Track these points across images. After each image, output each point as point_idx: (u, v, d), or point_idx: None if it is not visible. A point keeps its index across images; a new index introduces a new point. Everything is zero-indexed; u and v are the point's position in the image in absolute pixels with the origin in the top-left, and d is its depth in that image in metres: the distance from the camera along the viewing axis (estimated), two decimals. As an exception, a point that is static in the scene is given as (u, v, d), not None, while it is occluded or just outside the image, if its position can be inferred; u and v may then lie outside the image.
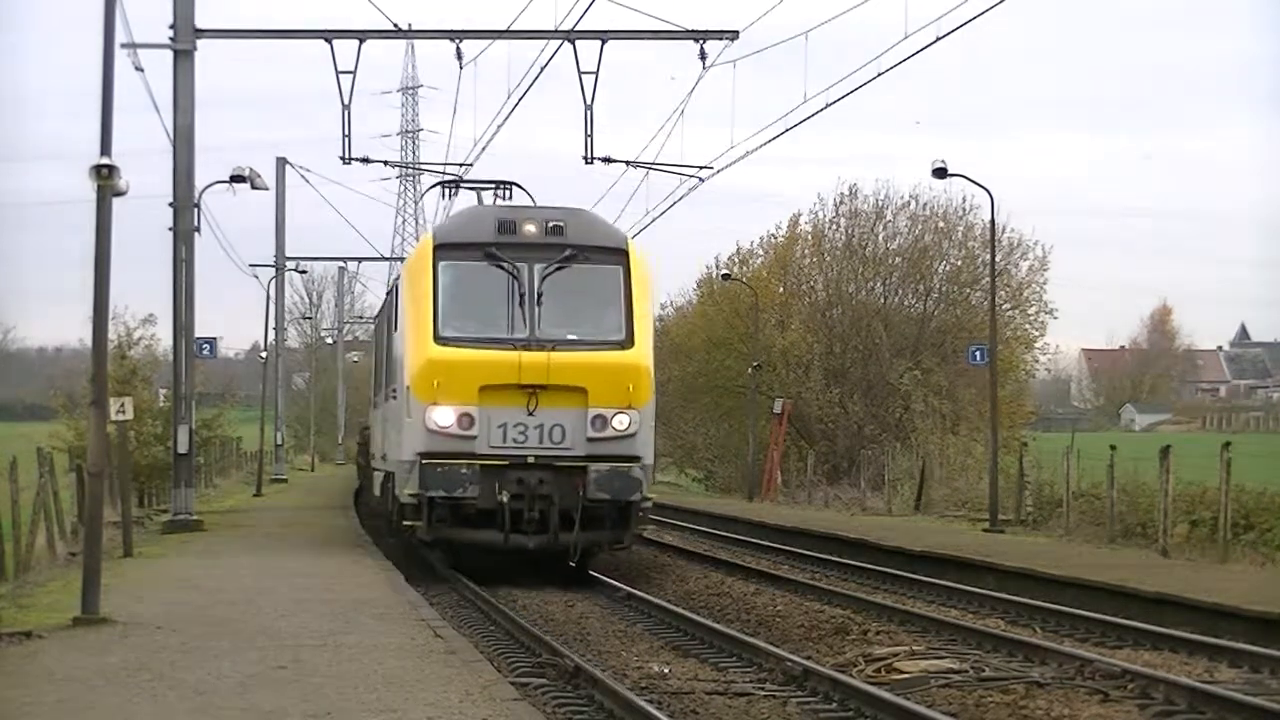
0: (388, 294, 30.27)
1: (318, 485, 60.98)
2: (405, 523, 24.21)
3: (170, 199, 33.34)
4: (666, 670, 16.20)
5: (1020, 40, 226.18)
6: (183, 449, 32.70)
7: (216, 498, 48.44)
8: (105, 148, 18.15)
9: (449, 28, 32.93)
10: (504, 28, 32.50)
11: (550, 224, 24.08)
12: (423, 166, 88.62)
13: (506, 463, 23.16)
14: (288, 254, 67.37)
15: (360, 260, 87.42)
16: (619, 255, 24.22)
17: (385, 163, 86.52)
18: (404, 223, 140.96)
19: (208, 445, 50.62)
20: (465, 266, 23.96)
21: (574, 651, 16.85)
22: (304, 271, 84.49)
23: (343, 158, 34.32)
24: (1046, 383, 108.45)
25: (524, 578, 24.46)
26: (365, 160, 40.52)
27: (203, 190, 35.30)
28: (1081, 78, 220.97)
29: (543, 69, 31.53)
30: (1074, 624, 20.36)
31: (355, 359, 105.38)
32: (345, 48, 32.31)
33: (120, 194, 18.34)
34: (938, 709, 13.98)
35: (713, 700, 14.71)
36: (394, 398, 25.73)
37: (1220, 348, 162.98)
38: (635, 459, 23.44)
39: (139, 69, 32.30)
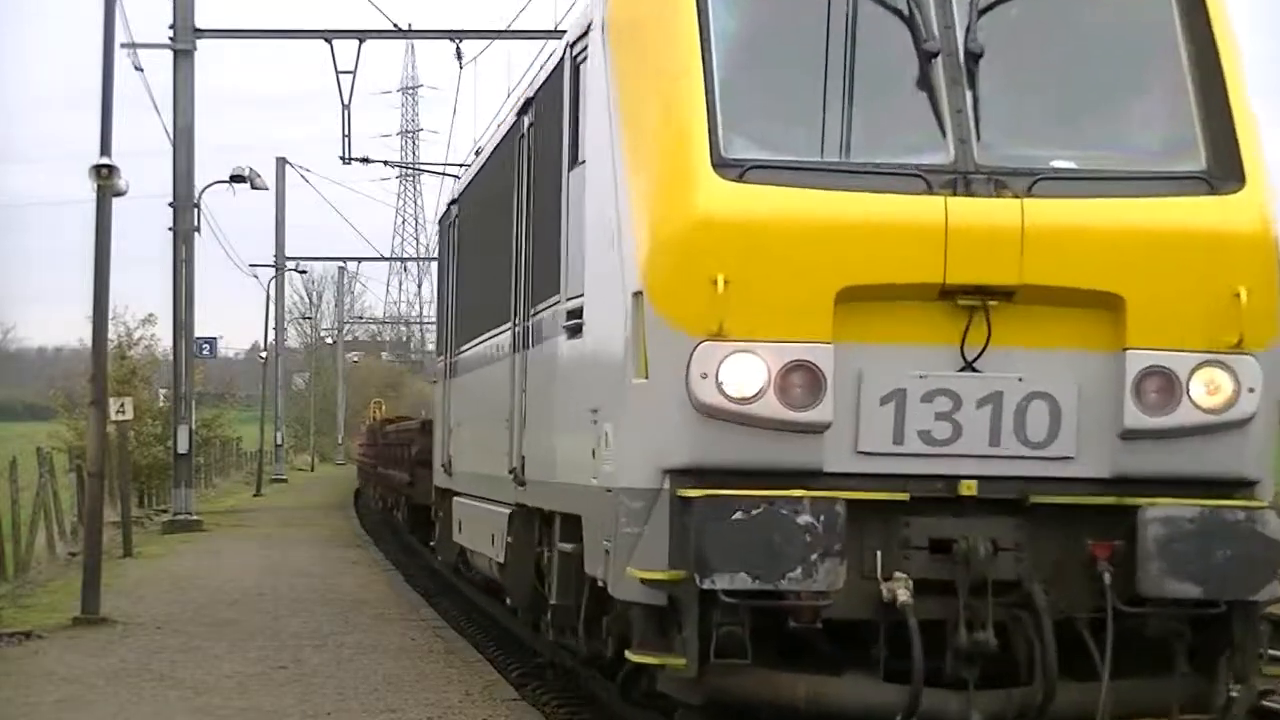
0: (528, 102, 14.23)
1: (317, 485, 61.02)
2: (634, 655, 9.39)
3: (170, 199, 33.42)
4: (666, 670, 15.98)
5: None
6: (183, 449, 32.77)
7: (216, 498, 48.49)
8: (105, 148, 18.18)
9: (449, 28, 33.03)
10: (503, 28, 32.54)
11: None
12: (422, 166, 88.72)
13: (905, 496, 9.21)
14: (288, 254, 67.52)
15: (360, 260, 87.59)
16: None
17: (385, 163, 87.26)
18: (404, 223, 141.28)
19: (208, 445, 50.71)
20: None
21: (574, 651, 16.67)
22: (304, 271, 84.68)
23: (343, 158, 34.46)
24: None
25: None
26: (365, 160, 40.71)
27: (203, 190, 35.46)
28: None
29: (542, 68, 31.50)
30: (1074, 624, 20.31)
31: (355, 359, 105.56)
32: (345, 48, 32.45)
33: (120, 194, 18.40)
34: (938, 709, 13.92)
35: (713, 700, 14.66)
36: (566, 332, 11.09)
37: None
38: (1248, 486, 9.47)
39: (139, 69, 32.44)
